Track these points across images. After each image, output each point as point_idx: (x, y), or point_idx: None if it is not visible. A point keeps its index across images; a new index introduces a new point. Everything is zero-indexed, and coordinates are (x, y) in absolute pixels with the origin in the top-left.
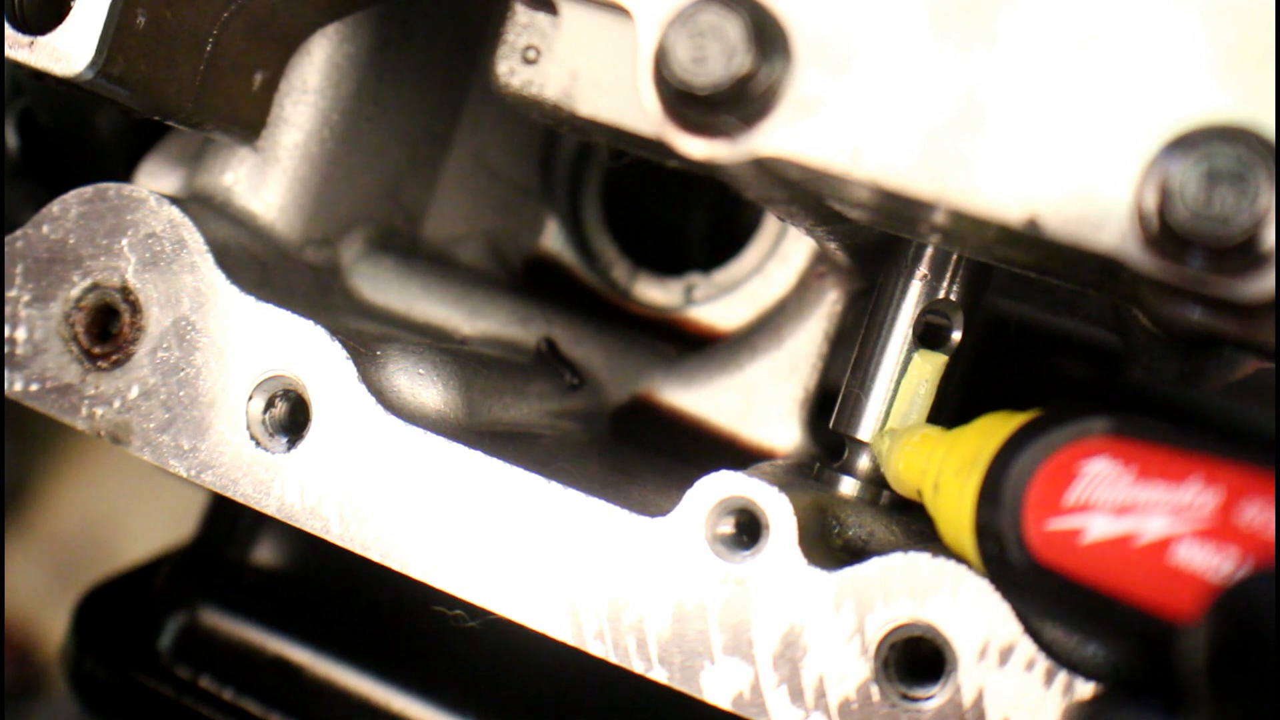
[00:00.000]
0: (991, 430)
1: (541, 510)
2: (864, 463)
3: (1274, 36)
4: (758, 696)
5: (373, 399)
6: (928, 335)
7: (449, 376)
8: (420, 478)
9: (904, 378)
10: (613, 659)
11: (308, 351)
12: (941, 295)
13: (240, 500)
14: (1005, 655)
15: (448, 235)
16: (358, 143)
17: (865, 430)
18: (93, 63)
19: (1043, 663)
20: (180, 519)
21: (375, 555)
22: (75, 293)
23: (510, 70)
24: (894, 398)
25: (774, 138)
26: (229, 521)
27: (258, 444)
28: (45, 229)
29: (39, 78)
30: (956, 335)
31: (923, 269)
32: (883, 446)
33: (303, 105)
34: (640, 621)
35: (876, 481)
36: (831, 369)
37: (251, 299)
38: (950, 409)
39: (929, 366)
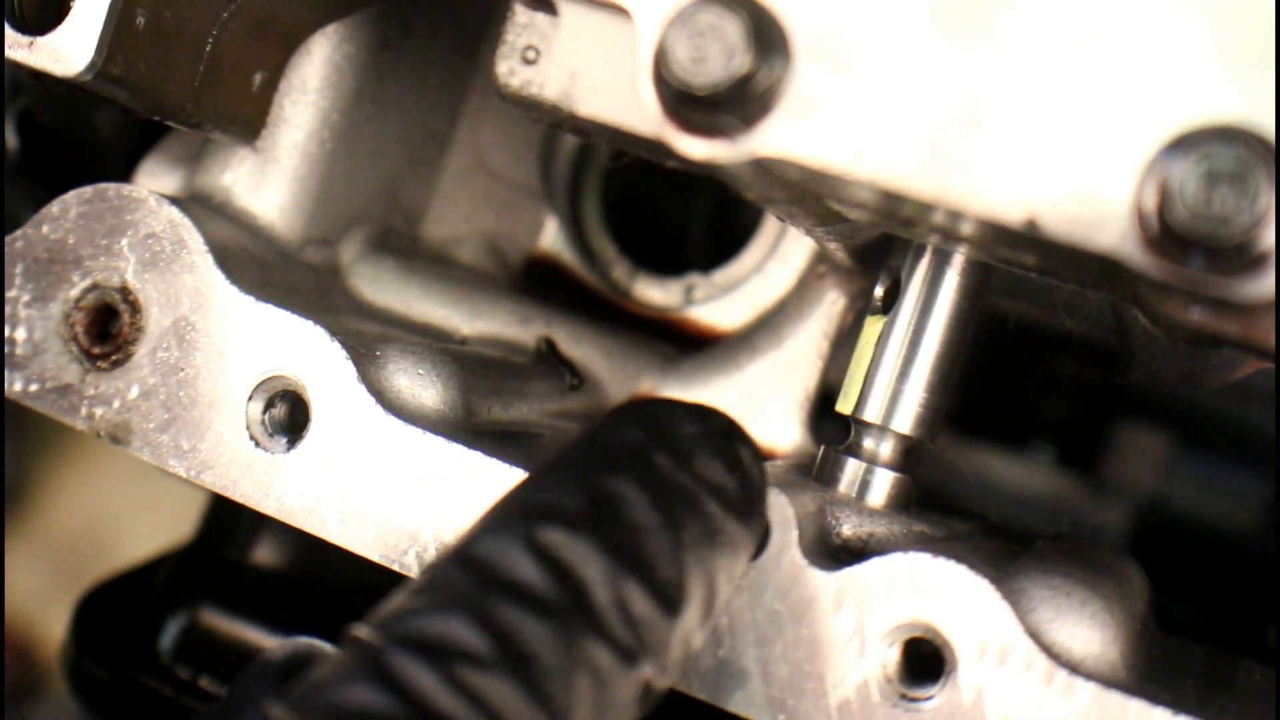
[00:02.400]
0: None
1: None
2: (868, 444)
3: (1274, 36)
4: (758, 696)
5: (372, 399)
6: (886, 304)
7: (449, 376)
8: (420, 478)
9: (857, 344)
10: None
11: (307, 352)
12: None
13: (240, 500)
14: (1005, 655)
15: (448, 235)
16: (358, 142)
17: (870, 411)
18: (92, 63)
19: (1042, 663)
20: (180, 519)
21: (375, 555)
22: (75, 293)
23: (510, 70)
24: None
25: (774, 138)
26: (229, 522)
27: (257, 444)
28: (45, 229)
29: (39, 78)
30: (902, 299)
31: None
32: None
33: (302, 105)
34: None
35: (880, 464)
36: (831, 369)
37: (251, 299)
38: (947, 406)
39: (872, 330)
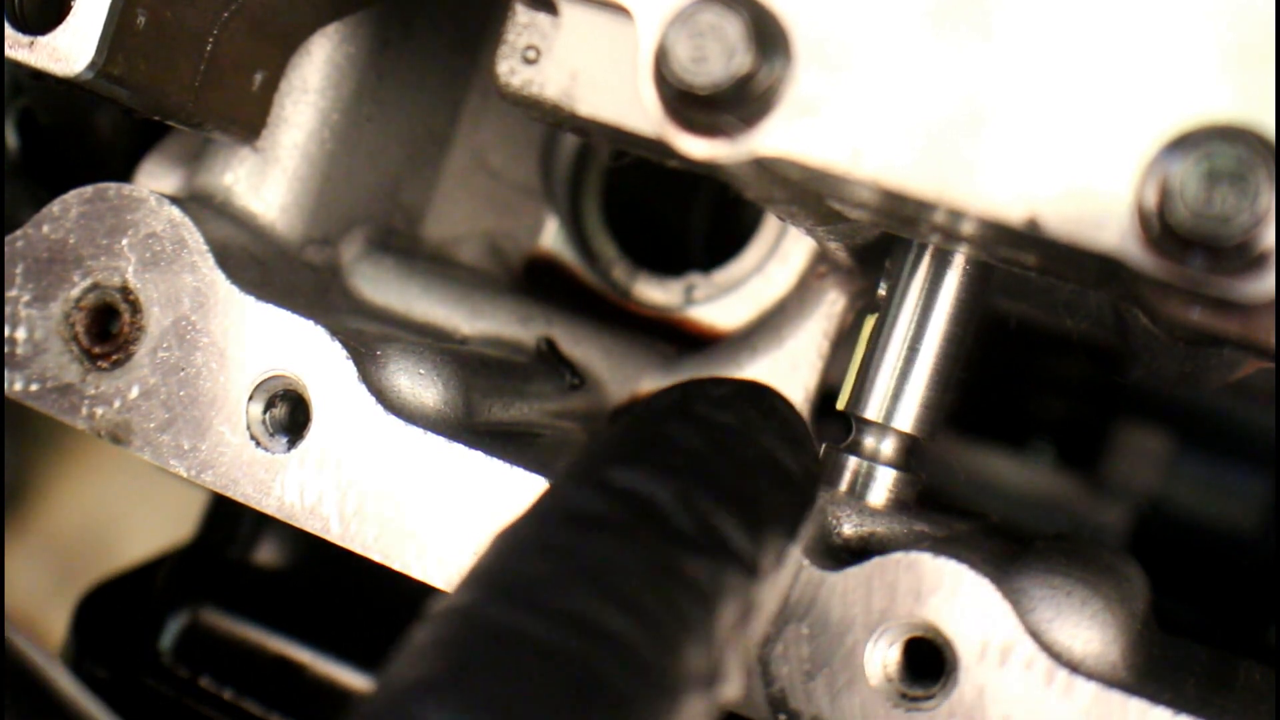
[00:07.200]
0: None
1: None
2: (869, 442)
3: (1274, 36)
4: (758, 696)
5: (373, 399)
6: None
7: (449, 376)
8: (420, 478)
9: (856, 342)
10: None
11: (308, 351)
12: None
13: (240, 500)
14: (1005, 655)
15: (448, 235)
16: (358, 142)
17: (872, 409)
18: (93, 63)
19: (1043, 662)
20: (180, 519)
21: (376, 555)
22: (75, 292)
23: (511, 70)
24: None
25: (774, 137)
26: (229, 521)
27: (258, 444)
28: (45, 229)
29: (39, 78)
30: (893, 297)
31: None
32: None
33: (303, 105)
34: None
35: (881, 462)
36: (831, 369)
37: (252, 299)
38: (948, 404)
39: (867, 328)
